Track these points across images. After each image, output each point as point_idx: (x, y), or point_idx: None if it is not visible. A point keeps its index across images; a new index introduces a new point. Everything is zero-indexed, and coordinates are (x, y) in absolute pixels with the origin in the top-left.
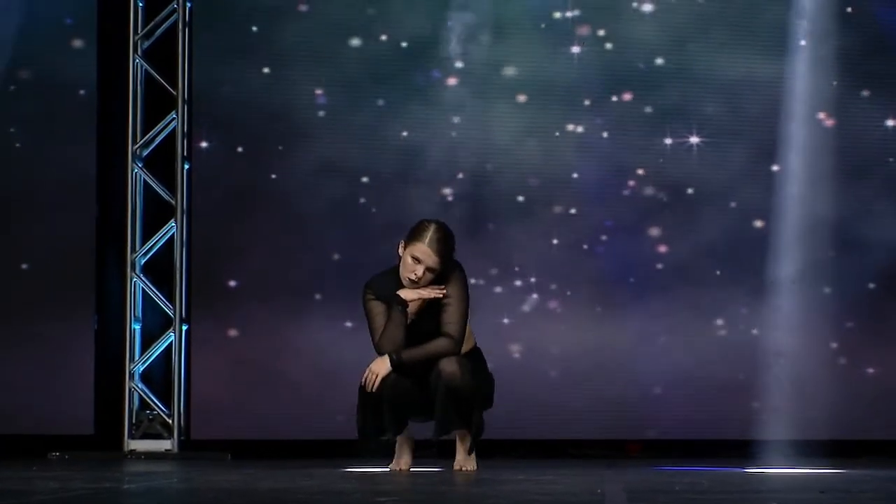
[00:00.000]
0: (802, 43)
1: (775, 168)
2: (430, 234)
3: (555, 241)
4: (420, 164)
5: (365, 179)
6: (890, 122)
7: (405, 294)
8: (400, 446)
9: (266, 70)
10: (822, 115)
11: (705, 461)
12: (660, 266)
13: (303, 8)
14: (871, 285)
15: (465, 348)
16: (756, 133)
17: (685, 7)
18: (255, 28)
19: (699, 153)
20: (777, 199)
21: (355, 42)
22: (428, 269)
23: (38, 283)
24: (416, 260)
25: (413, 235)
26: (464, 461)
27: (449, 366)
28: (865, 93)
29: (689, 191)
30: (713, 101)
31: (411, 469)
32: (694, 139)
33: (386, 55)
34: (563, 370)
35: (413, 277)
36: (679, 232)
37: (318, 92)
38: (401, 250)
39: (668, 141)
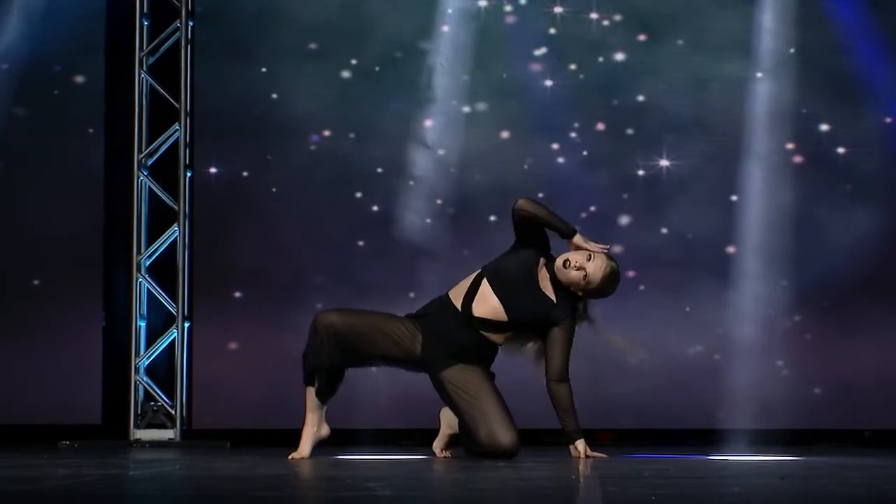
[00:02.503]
0: (759, 75)
1: (734, 198)
2: (603, 281)
3: None
4: (411, 180)
5: (359, 195)
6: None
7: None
8: (306, 436)
9: (267, 84)
10: (790, 146)
11: (672, 449)
12: (631, 273)
13: (300, 28)
14: (832, 279)
15: (496, 339)
16: (721, 161)
17: (651, 48)
18: (254, 42)
19: (668, 177)
20: (740, 223)
21: (347, 73)
22: (585, 279)
23: (50, 284)
24: (579, 268)
25: (588, 259)
26: (442, 445)
27: (509, 442)
28: (825, 127)
29: (659, 215)
30: (680, 125)
31: (396, 458)
32: (664, 162)
33: (383, 80)
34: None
35: (579, 278)
36: (647, 244)
37: (318, 105)
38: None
39: (641, 171)
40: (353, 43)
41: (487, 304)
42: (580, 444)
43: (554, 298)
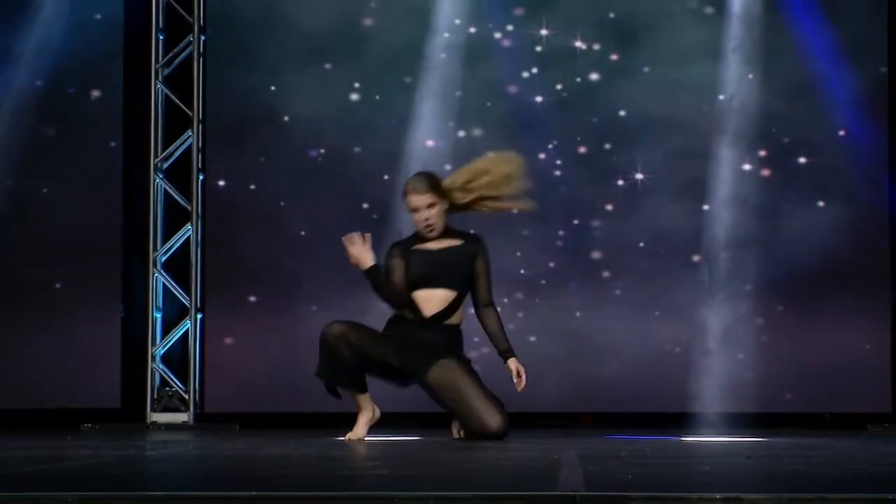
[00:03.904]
0: (721, 97)
1: (706, 207)
2: (409, 185)
3: (518, 254)
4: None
5: (366, 205)
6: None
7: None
8: (359, 420)
9: (275, 93)
10: (762, 153)
11: (648, 431)
12: (606, 274)
13: (301, 36)
14: (794, 275)
15: (454, 320)
16: (693, 171)
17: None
18: (262, 54)
19: (643, 187)
20: (708, 230)
21: (353, 86)
22: (428, 206)
23: (73, 279)
24: (416, 209)
25: (403, 196)
26: (459, 427)
27: (497, 425)
28: (787, 139)
29: (636, 221)
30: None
31: (396, 438)
32: (639, 174)
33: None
34: (531, 353)
35: (424, 223)
36: (622, 248)
37: (324, 113)
38: (412, 217)
39: (620, 181)
40: (356, 57)
41: (432, 301)
42: (512, 363)
43: (457, 242)
